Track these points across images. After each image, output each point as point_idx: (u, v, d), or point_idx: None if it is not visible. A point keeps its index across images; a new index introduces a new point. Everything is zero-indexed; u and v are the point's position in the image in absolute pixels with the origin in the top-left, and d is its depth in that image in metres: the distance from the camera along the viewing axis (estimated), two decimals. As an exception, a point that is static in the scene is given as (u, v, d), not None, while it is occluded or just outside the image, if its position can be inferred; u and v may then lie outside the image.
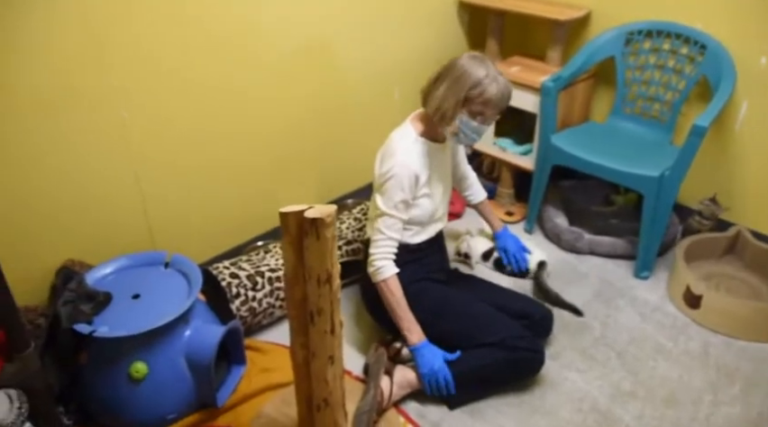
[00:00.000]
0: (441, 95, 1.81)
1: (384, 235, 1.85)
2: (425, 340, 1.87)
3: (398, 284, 1.85)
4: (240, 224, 2.41)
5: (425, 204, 1.93)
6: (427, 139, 1.91)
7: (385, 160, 1.87)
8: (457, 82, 1.79)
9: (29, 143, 1.77)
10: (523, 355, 1.87)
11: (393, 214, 1.84)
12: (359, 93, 2.65)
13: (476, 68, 1.78)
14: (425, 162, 1.89)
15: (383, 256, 1.85)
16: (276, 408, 1.84)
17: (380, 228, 1.85)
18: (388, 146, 1.91)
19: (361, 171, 2.82)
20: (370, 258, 1.86)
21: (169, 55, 1.97)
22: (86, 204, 1.95)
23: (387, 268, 1.84)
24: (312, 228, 1.30)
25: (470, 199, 2.30)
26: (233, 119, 2.23)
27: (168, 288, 1.84)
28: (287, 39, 2.28)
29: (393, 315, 1.86)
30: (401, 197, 1.84)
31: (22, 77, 1.70)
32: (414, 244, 1.96)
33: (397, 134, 1.93)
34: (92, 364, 1.73)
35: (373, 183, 1.94)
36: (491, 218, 2.34)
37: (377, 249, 1.85)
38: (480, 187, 2.30)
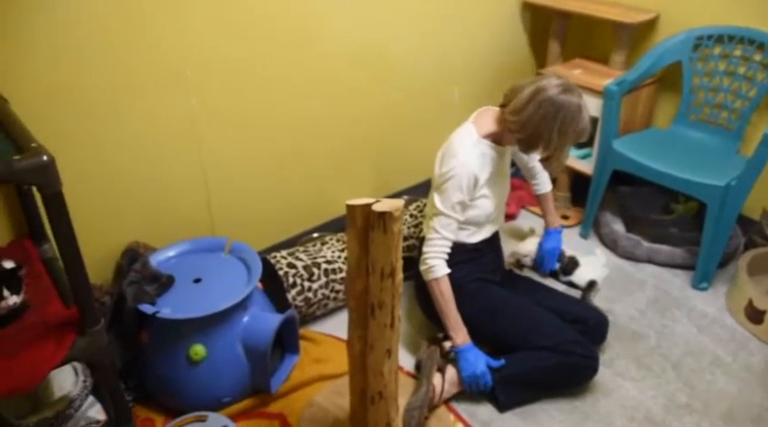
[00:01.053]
0: (534, 123, 1.75)
1: (439, 234, 1.85)
2: (469, 343, 1.87)
3: (449, 284, 1.84)
4: (296, 215, 2.44)
5: (483, 205, 1.92)
6: (490, 141, 1.90)
7: (445, 160, 1.87)
8: (554, 116, 1.73)
9: (103, 127, 1.83)
10: (577, 360, 1.85)
11: (449, 215, 1.84)
12: (419, 91, 2.65)
13: (570, 99, 1.73)
14: (486, 164, 1.88)
15: (436, 255, 1.85)
16: (327, 398, 1.86)
17: (436, 227, 1.85)
18: (449, 146, 1.91)
19: (417, 169, 2.82)
20: (423, 256, 1.86)
21: (239, 48, 2.01)
22: (153, 189, 2.01)
23: (438, 267, 1.84)
24: (379, 221, 1.30)
25: (536, 189, 2.27)
26: (296, 113, 2.26)
27: (228, 274, 1.88)
28: (350, 36, 2.30)
29: (441, 315, 1.86)
30: (459, 198, 1.83)
31: (99, 64, 1.76)
32: (470, 244, 1.95)
33: (458, 135, 1.92)
34: (153, 344, 1.78)
35: (432, 182, 1.94)
36: (548, 212, 2.29)
37: (430, 247, 1.85)
38: (547, 179, 2.26)
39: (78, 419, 1.65)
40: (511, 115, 1.79)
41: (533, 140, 1.79)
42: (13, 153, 1.25)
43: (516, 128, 1.79)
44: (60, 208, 1.28)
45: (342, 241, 2.22)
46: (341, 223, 2.57)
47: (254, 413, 1.82)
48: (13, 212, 1.77)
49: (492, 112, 1.93)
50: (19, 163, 1.19)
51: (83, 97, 1.77)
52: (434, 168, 1.92)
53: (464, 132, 1.91)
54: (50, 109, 1.71)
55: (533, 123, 1.75)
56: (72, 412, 1.65)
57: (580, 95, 1.77)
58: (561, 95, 1.73)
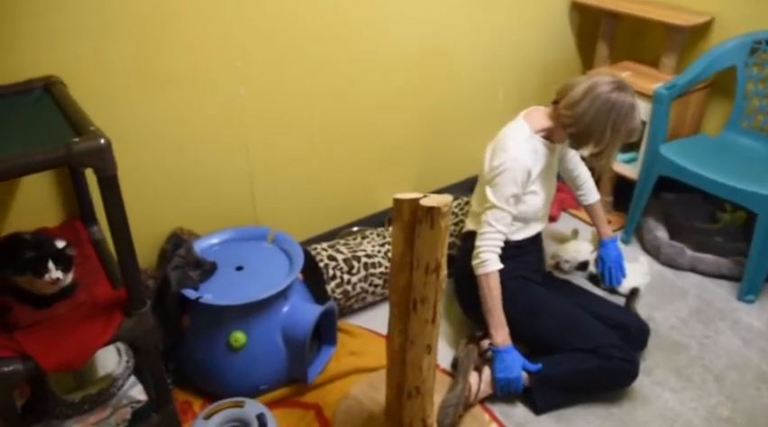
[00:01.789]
0: (588, 118, 1.76)
1: (493, 228, 1.84)
2: (509, 344, 1.85)
3: (498, 281, 1.83)
4: (337, 208, 2.46)
5: (532, 201, 1.91)
6: (542, 136, 1.89)
7: (497, 154, 1.86)
8: (608, 113, 1.75)
9: (154, 113, 1.87)
10: (617, 364, 1.82)
11: (503, 207, 1.83)
12: (464, 91, 2.64)
13: (623, 97, 1.75)
14: (537, 159, 1.88)
15: (490, 249, 1.83)
16: (362, 391, 1.87)
17: (489, 221, 1.84)
18: (500, 140, 1.90)
19: (458, 167, 2.81)
20: (476, 250, 1.85)
21: (290, 41, 2.03)
22: (198, 176, 2.04)
23: (492, 261, 1.83)
24: (427, 216, 1.30)
25: (582, 199, 2.25)
26: (343, 107, 2.27)
27: (270, 264, 1.90)
28: (401, 35, 2.30)
29: (485, 311, 1.85)
30: (513, 191, 1.82)
31: (154, 53, 1.80)
32: (514, 241, 1.94)
33: (509, 130, 1.91)
34: (194, 328, 1.81)
35: (481, 177, 1.94)
36: (600, 223, 2.26)
37: (484, 241, 1.84)
38: (594, 188, 2.23)
39: (120, 398, 1.68)
40: (565, 109, 1.80)
41: (585, 135, 1.79)
42: (72, 136, 1.29)
43: (569, 122, 1.80)
44: (114, 191, 1.31)
45: (383, 236, 2.22)
46: (381, 218, 2.58)
47: (290, 402, 1.84)
48: (66, 194, 1.81)
49: (543, 109, 1.93)
50: (78, 145, 1.22)
51: (136, 83, 1.80)
52: (484, 164, 1.92)
53: (516, 127, 1.91)
54: (104, 94, 1.75)
55: (587, 118, 1.76)
56: (115, 390, 1.69)
57: (633, 95, 1.77)
58: (614, 92, 1.74)
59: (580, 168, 2.19)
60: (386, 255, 2.15)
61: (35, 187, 1.76)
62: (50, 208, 1.81)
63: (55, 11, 1.62)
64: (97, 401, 1.65)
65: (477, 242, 1.86)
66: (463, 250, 2.00)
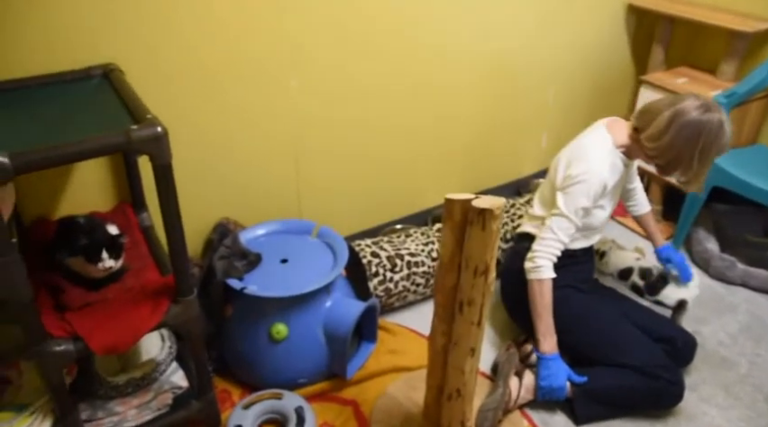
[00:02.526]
0: (675, 149, 1.70)
1: (555, 236, 1.80)
2: (556, 353, 1.82)
3: (551, 288, 1.79)
4: (381, 205, 2.45)
5: (598, 215, 1.87)
6: (622, 152, 1.84)
7: (577, 163, 1.81)
8: (696, 139, 1.68)
9: (207, 104, 1.89)
10: (662, 385, 1.77)
11: (570, 218, 1.79)
12: (514, 91, 2.61)
13: (711, 117, 1.67)
14: (614, 174, 1.83)
15: (547, 256, 1.80)
16: (400, 390, 1.86)
17: (553, 227, 1.80)
18: (581, 149, 1.85)
19: (504, 169, 2.79)
20: (533, 253, 1.82)
21: (344, 33, 2.03)
22: (246, 167, 2.05)
23: (546, 269, 1.79)
24: (479, 218, 1.28)
25: (633, 210, 2.20)
26: (390, 105, 2.27)
27: (314, 258, 1.90)
28: (450, 34, 2.28)
29: (534, 317, 1.82)
30: (584, 204, 1.78)
31: (208, 44, 1.81)
32: (570, 250, 1.89)
33: (592, 140, 1.85)
34: (236, 318, 1.82)
35: (551, 180, 1.89)
36: (654, 232, 2.21)
37: (543, 247, 1.80)
38: (645, 198, 2.19)
39: (162, 383, 1.71)
40: (649, 142, 1.74)
41: (672, 166, 1.75)
42: (130, 123, 1.31)
43: (654, 154, 1.75)
44: (168, 179, 1.32)
45: (427, 235, 2.21)
46: (424, 217, 2.56)
47: (328, 397, 1.84)
48: (119, 179, 1.84)
49: (625, 124, 1.87)
50: (135, 133, 1.24)
51: (190, 73, 1.82)
52: (557, 168, 1.87)
53: (599, 139, 1.85)
54: (159, 83, 1.78)
55: (673, 149, 1.70)
56: (157, 375, 1.71)
57: (720, 110, 1.69)
58: (702, 115, 1.67)
59: (637, 181, 2.15)
60: (429, 254, 2.13)
61: (89, 172, 1.80)
62: (102, 193, 1.85)
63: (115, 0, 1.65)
64: (140, 385, 1.68)
65: (535, 246, 1.82)
66: (515, 251, 1.98)
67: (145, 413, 1.66)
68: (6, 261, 1.21)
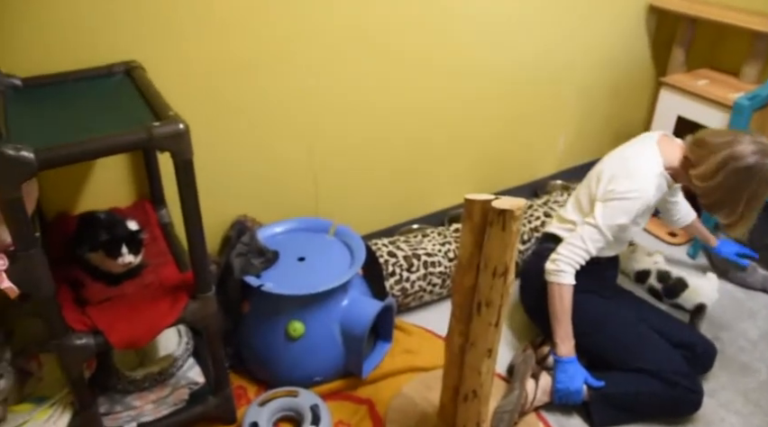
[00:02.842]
0: (723, 191, 1.67)
1: (583, 245, 1.78)
2: (573, 356, 1.81)
3: (572, 293, 1.78)
4: (397, 205, 2.45)
5: (631, 230, 1.86)
6: (669, 174, 1.81)
7: (624, 179, 1.77)
8: (747, 183, 1.65)
9: (225, 101, 1.89)
10: (681, 393, 1.75)
11: (604, 231, 1.76)
12: (532, 93, 2.59)
13: (766, 162, 1.63)
14: (658, 195, 1.80)
15: (570, 262, 1.78)
16: (415, 390, 1.85)
17: (584, 236, 1.78)
18: (630, 164, 1.80)
19: (520, 170, 2.78)
20: (557, 255, 1.80)
21: (364, 33, 2.03)
22: (265, 164, 2.06)
23: (568, 274, 1.77)
24: (499, 219, 1.28)
25: (678, 222, 2.19)
26: (409, 107, 2.26)
27: (331, 256, 1.90)
28: (470, 35, 2.27)
29: (553, 320, 1.81)
30: (622, 221, 1.76)
31: (227, 40, 1.82)
32: (596, 257, 1.87)
33: (643, 157, 1.80)
34: (253, 315, 1.83)
35: (594, 189, 1.85)
36: (706, 235, 2.22)
37: (568, 252, 1.78)
38: (688, 207, 2.19)
39: (179, 378, 1.72)
40: (698, 180, 1.71)
41: (717, 206, 1.73)
42: (151, 120, 1.32)
43: (701, 193, 1.72)
44: (189, 175, 1.33)
45: (444, 235, 2.20)
46: (440, 217, 2.56)
47: (343, 396, 1.84)
48: (138, 175, 1.86)
49: (677, 146, 1.83)
50: (158, 129, 1.25)
51: (210, 71, 1.83)
52: (601, 178, 1.83)
53: (651, 157, 1.80)
54: (178, 80, 1.78)
55: (721, 191, 1.68)
56: (174, 370, 1.73)
57: None
58: (757, 160, 1.63)
59: (679, 195, 2.15)
60: (446, 255, 2.13)
61: (110, 168, 1.81)
62: (122, 189, 1.86)
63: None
64: (158, 379, 1.69)
65: (560, 249, 1.80)
66: (538, 251, 1.97)
67: (162, 408, 1.67)
68: (30, 255, 1.23)
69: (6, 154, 1.12)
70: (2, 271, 1.22)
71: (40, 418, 1.46)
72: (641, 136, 1.92)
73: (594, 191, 1.84)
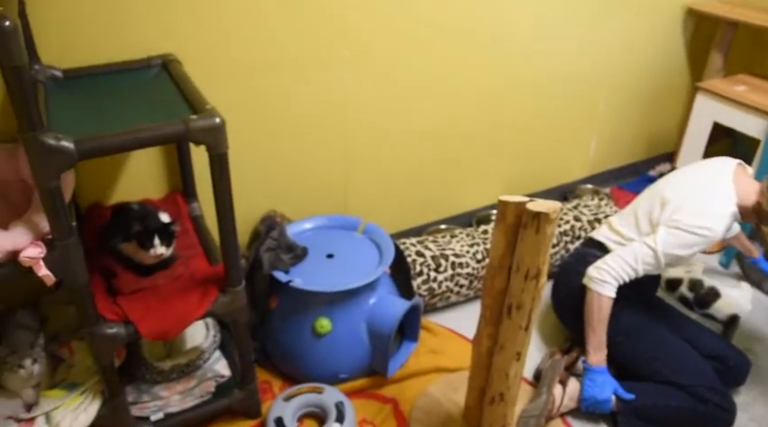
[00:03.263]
0: None
1: (634, 264, 1.74)
2: (604, 366, 1.78)
3: (610, 306, 1.75)
4: (426, 205, 2.44)
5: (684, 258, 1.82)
6: (739, 212, 1.77)
7: (695, 216, 1.73)
8: None
9: (259, 96, 1.90)
10: (712, 410, 1.71)
11: (659, 258, 1.73)
12: (563, 94, 2.57)
13: None
14: (725, 233, 1.77)
15: (615, 277, 1.74)
16: (441, 390, 1.84)
17: (637, 256, 1.74)
18: (703, 199, 1.77)
19: (553, 173, 2.75)
20: (605, 266, 1.76)
21: (399, 32, 2.03)
22: (296, 160, 2.06)
23: (610, 288, 1.74)
24: (533, 221, 1.26)
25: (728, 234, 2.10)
26: (440, 106, 2.26)
27: (360, 254, 1.90)
28: (504, 35, 2.26)
29: (587, 329, 1.78)
30: (682, 254, 1.73)
31: (264, 35, 1.83)
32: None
33: (717, 192, 1.77)
34: (280, 311, 1.83)
35: (655, 212, 1.81)
36: (749, 246, 2.19)
37: (616, 265, 1.75)
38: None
39: (206, 371, 1.73)
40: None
41: None
42: (188, 113, 1.33)
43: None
44: (224, 169, 1.34)
45: (472, 236, 2.19)
46: (467, 218, 2.55)
47: (368, 394, 1.84)
48: (171, 168, 1.87)
49: (752, 182, 1.78)
50: (195, 123, 1.26)
51: (245, 65, 1.84)
52: (666, 204, 1.79)
53: (725, 195, 1.75)
54: (214, 74, 1.79)
55: None
56: (201, 363, 1.74)
57: None
58: None
59: None
60: (474, 256, 2.11)
61: (143, 160, 1.83)
62: (154, 181, 1.88)
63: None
64: (185, 371, 1.71)
65: (608, 260, 1.77)
66: (580, 255, 1.94)
67: (188, 400, 1.68)
68: (67, 244, 1.24)
69: (47, 144, 1.13)
70: (39, 259, 1.23)
71: (71, 404, 1.48)
72: (715, 162, 1.86)
73: (657, 215, 1.80)
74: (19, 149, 1.55)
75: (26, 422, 1.46)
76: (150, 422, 1.62)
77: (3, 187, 1.53)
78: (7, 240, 1.22)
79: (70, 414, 1.47)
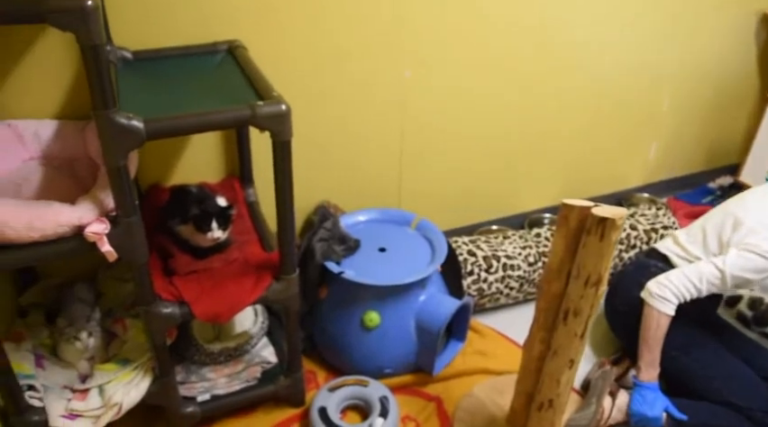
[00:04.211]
0: None
1: (698, 284, 1.69)
2: (655, 383, 1.72)
3: (668, 323, 1.70)
4: (478, 204, 2.42)
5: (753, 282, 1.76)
6: None
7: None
8: None
9: (321, 87, 1.90)
10: None
11: (726, 280, 1.68)
12: (624, 97, 2.50)
13: None
14: None
15: (677, 295, 1.69)
16: (485, 393, 1.82)
17: (703, 276, 1.69)
18: None
19: (609, 178, 2.69)
20: (667, 282, 1.71)
21: (462, 30, 2.01)
22: (352, 153, 2.06)
23: (671, 306, 1.69)
24: (598, 227, 1.23)
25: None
26: (498, 106, 2.23)
27: (412, 249, 1.89)
28: (568, 36, 2.22)
29: (642, 344, 1.73)
30: (748, 278, 1.68)
31: (331, 30, 1.83)
32: None
33: None
34: (330, 301, 1.84)
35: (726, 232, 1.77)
36: None
37: (680, 285, 1.69)
38: None
39: (253, 356, 1.75)
40: None
41: None
42: (253, 99, 1.33)
43: None
44: (287, 156, 1.34)
45: (525, 239, 2.15)
46: (518, 220, 2.51)
47: (412, 391, 1.83)
48: (230, 153, 1.89)
49: None
50: (262, 108, 1.26)
51: (309, 56, 1.84)
52: (740, 226, 1.74)
53: None
54: (278, 62, 1.80)
55: None
56: (249, 348, 1.76)
57: None
58: None
59: None
60: (526, 259, 2.08)
61: (203, 143, 1.85)
62: (212, 165, 1.90)
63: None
64: (233, 355, 1.72)
65: (672, 277, 1.71)
66: (641, 265, 1.90)
67: (234, 383, 1.70)
68: (131, 222, 1.27)
69: (119, 122, 1.15)
70: (103, 235, 1.26)
71: (123, 379, 1.51)
72: None
73: (728, 235, 1.75)
74: (87, 127, 1.59)
75: (81, 393, 1.50)
76: (197, 403, 1.64)
77: (70, 163, 1.57)
78: (74, 215, 1.24)
79: (122, 389, 1.50)
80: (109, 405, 1.47)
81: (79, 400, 1.48)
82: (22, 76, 1.55)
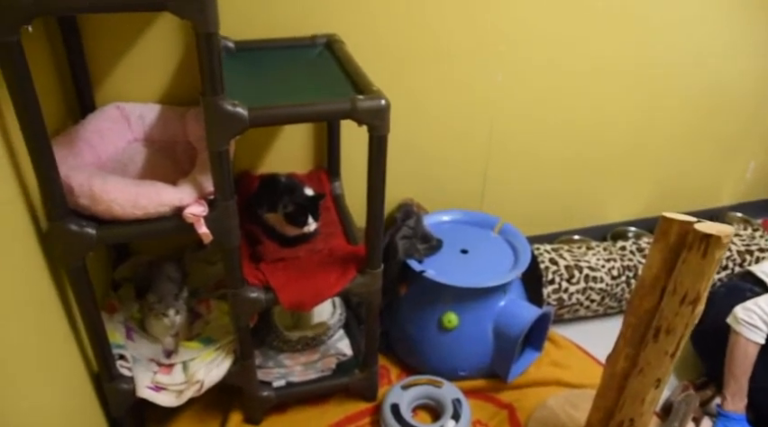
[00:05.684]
0: None
1: None
2: (742, 415, 1.64)
3: (757, 352, 1.62)
4: (561, 213, 2.37)
5: None
6: None
7: None
8: None
9: (415, 84, 1.91)
10: None
11: None
12: (723, 109, 2.39)
13: None
14: None
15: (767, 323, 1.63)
16: (560, 405, 1.78)
17: None
18: None
19: (700, 194, 2.58)
20: (757, 309, 1.64)
21: (555, 36, 1.98)
22: (438, 153, 2.06)
23: (761, 334, 1.62)
24: (701, 244, 1.18)
25: None
26: (589, 115, 2.19)
27: (494, 253, 1.87)
28: (662, 44, 2.14)
29: (728, 373, 1.66)
30: None
31: (428, 31, 1.84)
32: None
33: None
34: (410, 299, 1.84)
35: None
36: None
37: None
38: None
39: (329, 347, 1.77)
40: None
41: None
42: (351, 92, 1.35)
43: None
44: (382, 151, 1.35)
45: (609, 251, 2.09)
46: (603, 231, 2.44)
47: (485, 396, 1.81)
48: (319, 145, 1.92)
49: None
50: (362, 103, 1.27)
51: (404, 55, 1.85)
52: None
53: None
54: (374, 59, 1.81)
55: None
56: (326, 339, 1.78)
57: None
58: None
59: None
60: (609, 272, 2.01)
61: (294, 134, 1.88)
62: (301, 156, 1.93)
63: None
64: (310, 344, 1.75)
65: (759, 302, 1.64)
66: (733, 288, 1.82)
67: (310, 372, 1.73)
68: (227, 206, 1.30)
69: (225, 109, 1.19)
70: (201, 216, 1.30)
71: (206, 358, 1.56)
72: None
73: None
74: (187, 113, 1.65)
75: (166, 367, 1.55)
76: (273, 388, 1.68)
77: (170, 146, 1.63)
78: (175, 196, 1.29)
79: (205, 367, 1.54)
80: (192, 382, 1.52)
81: (165, 373, 1.54)
82: (132, 61, 1.63)
